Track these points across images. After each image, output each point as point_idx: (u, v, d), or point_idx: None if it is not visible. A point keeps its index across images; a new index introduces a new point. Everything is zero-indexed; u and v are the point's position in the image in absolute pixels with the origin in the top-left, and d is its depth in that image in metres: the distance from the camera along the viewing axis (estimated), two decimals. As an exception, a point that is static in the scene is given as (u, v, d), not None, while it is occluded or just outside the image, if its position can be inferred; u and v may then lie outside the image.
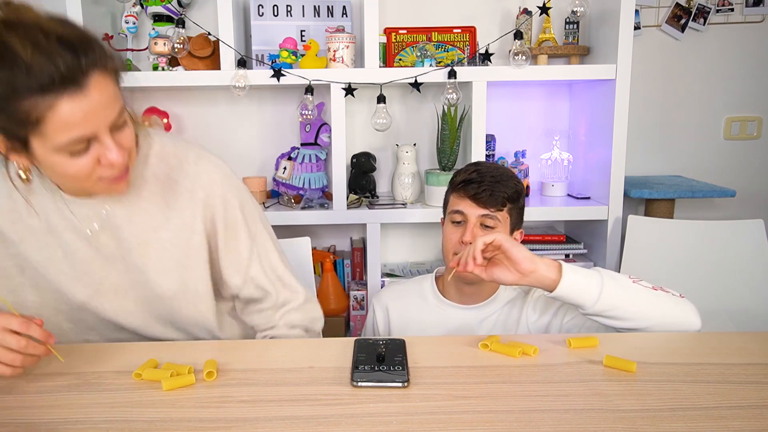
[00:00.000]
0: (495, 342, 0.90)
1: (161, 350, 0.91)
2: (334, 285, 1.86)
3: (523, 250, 0.96)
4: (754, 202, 2.17)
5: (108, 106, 0.78)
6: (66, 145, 0.77)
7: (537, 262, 0.96)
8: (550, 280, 0.95)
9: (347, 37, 1.73)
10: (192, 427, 0.70)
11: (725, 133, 2.14)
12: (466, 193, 1.13)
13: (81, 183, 0.85)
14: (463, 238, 1.12)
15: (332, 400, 0.75)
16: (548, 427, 0.69)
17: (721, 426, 0.69)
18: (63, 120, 0.75)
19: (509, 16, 1.98)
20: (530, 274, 0.96)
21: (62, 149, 0.78)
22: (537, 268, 0.96)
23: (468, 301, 1.19)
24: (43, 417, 0.72)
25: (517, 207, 1.17)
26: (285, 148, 1.99)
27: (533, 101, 2.04)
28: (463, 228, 1.14)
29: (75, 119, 0.75)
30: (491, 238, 0.96)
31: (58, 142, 0.77)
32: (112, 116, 0.80)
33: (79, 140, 0.78)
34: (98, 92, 0.76)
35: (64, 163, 0.80)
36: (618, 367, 0.83)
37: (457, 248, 1.14)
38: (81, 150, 0.79)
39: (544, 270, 0.96)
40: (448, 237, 1.17)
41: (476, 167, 1.17)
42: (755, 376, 0.81)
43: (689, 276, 1.70)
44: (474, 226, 1.13)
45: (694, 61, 2.09)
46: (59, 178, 0.87)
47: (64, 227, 0.93)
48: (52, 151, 0.78)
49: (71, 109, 0.74)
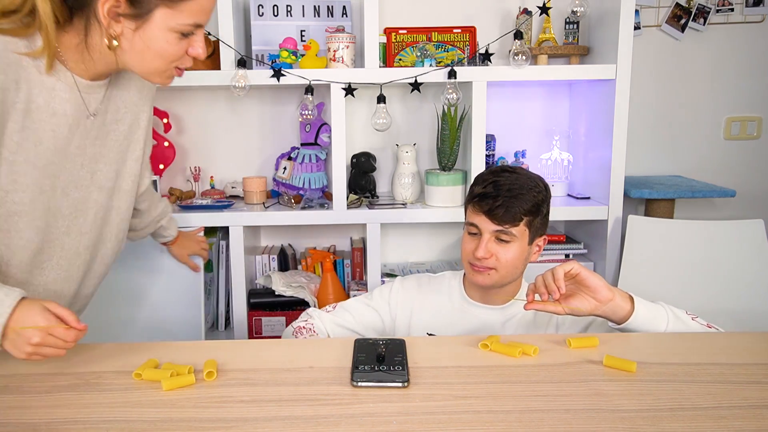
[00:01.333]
0: (495, 342, 0.90)
1: (161, 350, 0.91)
2: (334, 285, 1.86)
3: (601, 278, 0.96)
4: (754, 202, 2.17)
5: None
6: (187, 26, 0.88)
7: (614, 290, 0.96)
8: (625, 311, 0.95)
9: (347, 37, 1.73)
10: (192, 427, 0.70)
11: (725, 133, 2.14)
12: (480, 208, 1.11)
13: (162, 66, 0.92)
14: (477, 254, 1.10)
15: (332, 400, 0.75)
16: (548, 427, 0.69)
17: (722, 426, 0.69)
18: (202, 5, 0.88)
19: (509, 16, 1.98)
20: (608, 302, 0.95)
21: (178, 29, 0.88)
22: (614, 297, 0.95)
23: (491, 300, 1.17)
24: (43, 417, 0.72)
25: (537, 217, 1.13)
26: (285, 148, 1.99)
27: (533, 101, 2.04)
28: (479, 240, 1.11)
29: (209, 7, 0.90)
30: (569, 267, 0.95)
31: (183, 22, 0.88)
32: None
33: (196, 26, 0.90)
34: None
35: (169, 41, 0.89)
36: (618, 367, 0.83)
37: (472, 259, 1.12)
38: (186, 36, 0.90)
39: (619, 299, 0.96)
40: (464, 246, 1.15)
41: (495, 178, 1.12)
42: (755, 376, 0.81)
43: (689, 276, 1.70)
44: (488, 241, 1.10)
45: (694, 61, 2.09)
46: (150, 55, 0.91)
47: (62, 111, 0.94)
48: (167, 29, 0.88)
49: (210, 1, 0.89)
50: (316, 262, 1.96)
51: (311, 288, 1.83)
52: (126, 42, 0.90)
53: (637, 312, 0.95)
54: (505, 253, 1.10)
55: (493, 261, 1.10)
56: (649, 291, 1.69)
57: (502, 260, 1.10)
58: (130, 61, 0.93)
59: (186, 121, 1.99)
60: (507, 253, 1.11)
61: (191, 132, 2.00)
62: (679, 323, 0.97)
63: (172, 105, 1.96)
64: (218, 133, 2.00)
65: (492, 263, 1.10)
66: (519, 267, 1.14)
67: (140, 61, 0.93)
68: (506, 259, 1.10)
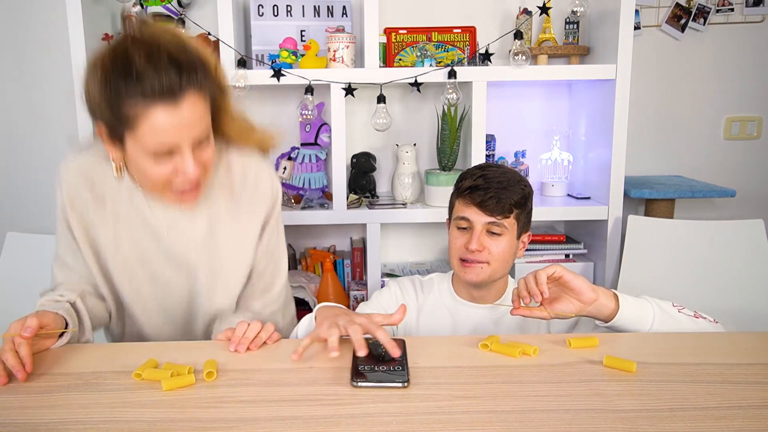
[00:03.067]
0: (495, 342, 0.90)
1: (161, 350, 0.90)
2: (334, 285, 1.86)
3: (584, 280, 0.96)
4: (754, 202, 2.17)
5: (195, 124, 0.89)
6: (152, 148, 0.88)
7: (597, 290, 0.96)
8: (609, 309, 0.95)
9: (347, 37, 1.73)
10: (192, 427, 0.70)
11: (725, 133, 2.14)
12: (472, 201, 1.11)
13: (157, 188, 0.94)
14: (469, 246, 1.10)
15: (332, 400, 0.75)
16: (548, 427, 0.69)
17: (722, 426, 0.69)
18: (154, 126, 0.86)
19: (509, 16, 1.98)
20: (592, 303, 0.95)
21: (148, 152, 0.88)
22: (598, 297, 0.95)
23: (479, 301, 1.17)
24: (43, 417, 0.72)
25: (524, 212, 1.15)
26: (285, 148, 1.99)
27: (533, 101, 2.03)
28: (469, 234, 1.12)
29: (164, 127, 0.86)
30: (552, 270, 0.95)
31: (146, 145, 0.88)
32: (197, 133, 0.90)
33: (164, 147, 0.88)
34: (190, 109, 0.87)
35: (147, 164, 0.90)
36: (618, 367, 0.83)
37: (463, 254, 1.12)
38: (164, 156, 0.89)
39: (604, 299, 0.96)
40: (454, 242, 1.15)
41: (483, 172, 1.14)
42: (755, 376, 0.81)
43: (689, 276, 1.70)
44: (480, 233, 1.11)
45: (694, 61, 2.09)
46: (141, 177, 0.96)
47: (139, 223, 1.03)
48: (141, 152, 0.89)
49: (162, 119, 0.85)
50: (316, 262, 1.96)
51: (311, 288, 1.83)
52: (129, 166, 0.97)
53: (623, 310, 0.95)
54: (497, 246, 1.11)
55: (486, 254, 1.11)
56: (649, 291, 1.68)
57: (494, 253, 1.11)
58: (137, 182, 1.00)
59: (186, 121, 1.99)
60: (498, 246, 1.11)
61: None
62: (666, 316, 0.97)
63: (172, 105, 1.95)
64: (218, 133, 2.00)
65: (484, 257, 1.11)
66: (509, 261, 1.15)
67: (141, 183, 0.99)
68: (498, 253, 1.11)
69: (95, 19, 1.75)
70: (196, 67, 0.88)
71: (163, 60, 0.85)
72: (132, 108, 0.85)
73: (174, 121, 0.86)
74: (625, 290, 1.00)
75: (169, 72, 0.85)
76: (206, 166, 0.95)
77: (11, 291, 1.60)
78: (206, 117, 0.92)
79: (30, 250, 1.63)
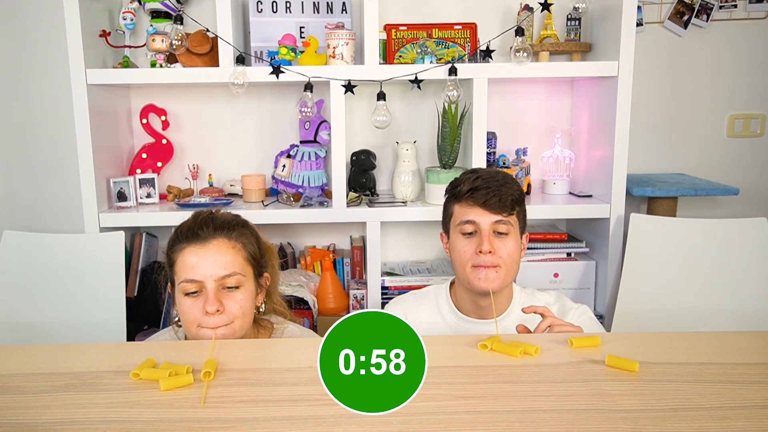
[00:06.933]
0: (496, 342, 0.89)
1: (159, 350, 0.90)
2: (333, 284, 1.86)
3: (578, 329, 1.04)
4: (757, 200, 2.16)
5: (220, 265, 1.01)
6: (182, 283, 1.01)
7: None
8: None
9: (347, 33, 1.72)
10: (191, 427, 0.69)
11: (728, 130, 2.13)
12: (475, 201, 1.10)
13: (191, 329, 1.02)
14: (482, 248, 1.09)
15: (332, 400, 0.74)
16: (550, 427, 0.68)
17: (724, 426, 0.68)
18: (184, 261, 1.02)
19: (510, 12, 1.97)
20: None
21: (180, 288, 1.01)
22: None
23: (485, 314, 1.16)
24: (41, 417, 0.72)
25: (522, 210, 1.16)
26: (284, 146, 1.98)
27: (534, 98, 2.02)
28: (477, 238, 1.10)
29: (190, 262, 1.01)
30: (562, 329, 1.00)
31: (178, 279, 1.02)
32: (221, 274, 1.01)
33: (190, 282, 1.00)
34: (215, 250, 1.02)
35: (182, 302, 1.02)
36: (620, 367, 0.82)
37: (474, 260, 1.10)
38: (192, 293, 1.01)
39: None
40: (461, 250, 1.12)
41: (476, 174, 1.14)
42: (758, 375, 0.80)
43: (692, 274, 1.69)
44: (489, 234, 1.10)
45: (696, 58, 2.08)
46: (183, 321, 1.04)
47: None
48: (178, 290, 1.02)
49: (190, 255, 1.02)
50: (315, 260, 1.95)
51: (311, 287, 1.83)
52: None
53: None
54: (506, 247, 1.11)
55: (496, 258, 1.10)
56: (651, 289, 1.69)
57: (504, 257, 1.10)
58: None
59: (184, 119, 1.98)
60: (507, 248, 1.11)
61: (189, 129, 1.99)
62: None
63: (170, 102, 1.95)
64: (217, 131, 1.99)
65: (496, 260, 1.10)
66: (517, 263, 1.14)
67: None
68: (507, 254, 1.11)
69: (93, 15, 1.74)
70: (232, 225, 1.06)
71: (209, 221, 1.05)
72: (174, 253, 1.04)
73: (198, 257, 1.01)
74: (628, 289, 0.99)
75: (207, 224, 1.04)
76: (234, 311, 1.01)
77: (7, 289, 1.60)
78: (235, 265, 1.03)
79: (27, 249, 1.63)
